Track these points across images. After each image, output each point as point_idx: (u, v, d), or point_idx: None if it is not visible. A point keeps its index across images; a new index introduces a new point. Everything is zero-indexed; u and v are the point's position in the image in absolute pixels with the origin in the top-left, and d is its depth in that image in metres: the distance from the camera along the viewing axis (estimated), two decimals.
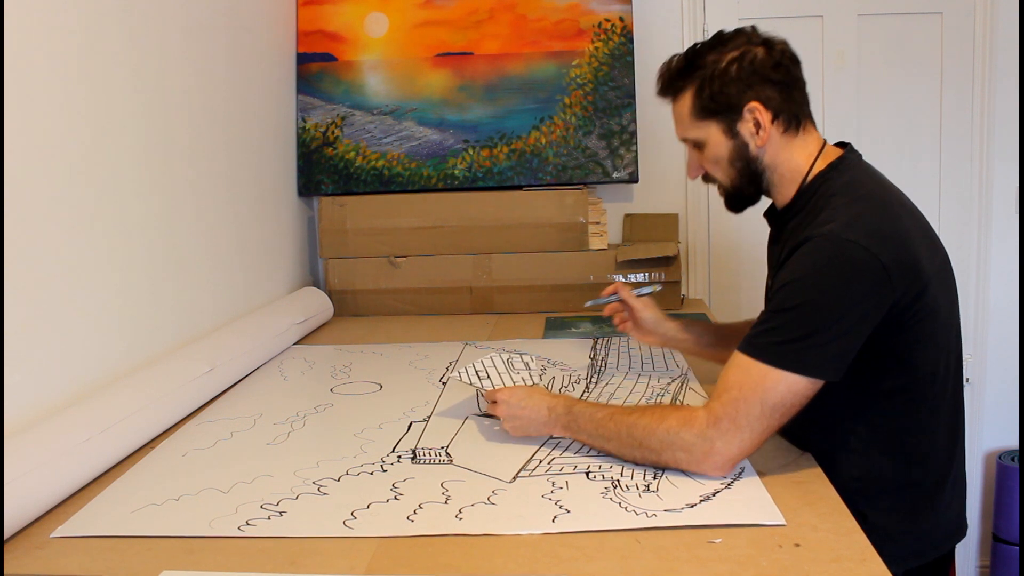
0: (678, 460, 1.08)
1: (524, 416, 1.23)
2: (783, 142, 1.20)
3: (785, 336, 1.06)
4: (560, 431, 1.21)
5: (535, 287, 2.28)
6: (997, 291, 2.45)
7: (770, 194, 1.26)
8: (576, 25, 2.34)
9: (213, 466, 1.20)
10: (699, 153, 1.25)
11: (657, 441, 1.09)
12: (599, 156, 2.32)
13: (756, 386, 1.05)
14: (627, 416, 1.13)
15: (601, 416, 1.16)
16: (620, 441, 1.13)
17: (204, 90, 1.80)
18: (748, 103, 1.17)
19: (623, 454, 1.14)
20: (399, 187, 2.35)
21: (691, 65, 1.21)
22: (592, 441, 1.17)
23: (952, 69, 2.36)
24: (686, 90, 1.22)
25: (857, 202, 1.12)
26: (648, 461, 1.11)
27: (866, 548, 0.89)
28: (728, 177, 1.25)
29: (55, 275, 1.28)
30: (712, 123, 1.20)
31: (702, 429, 1.06)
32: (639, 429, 1.11)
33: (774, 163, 1.21)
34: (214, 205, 1.84)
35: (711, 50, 1.20)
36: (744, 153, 1.21)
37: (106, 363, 1.40)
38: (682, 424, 1.08)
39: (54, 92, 1.29)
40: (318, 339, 2.05)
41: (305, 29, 2.40)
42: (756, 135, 1.18)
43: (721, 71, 1.17)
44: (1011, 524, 2.38)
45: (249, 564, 0.91)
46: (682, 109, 1.23)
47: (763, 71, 1.17)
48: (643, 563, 0.88)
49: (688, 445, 1.07)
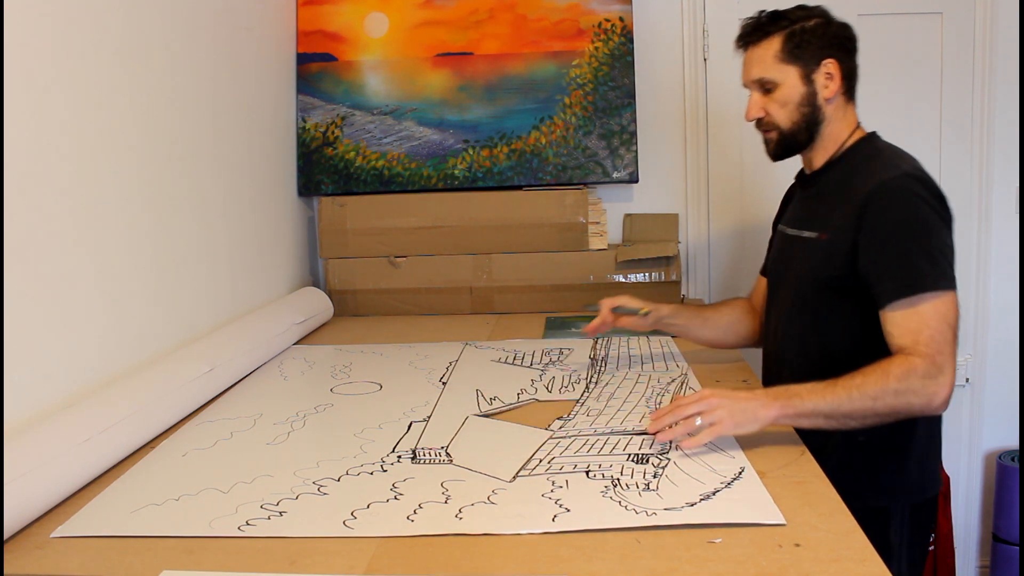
0: (911, 406, 1.16)
1: (740, 400, 1.16)
2: (841, 103, 1.40)
3: (925, 265, 1.21)
4: (778, 409, 1.15)
5: (535, 287, 2.28)
6: (997, 291, 2.45)
7: (811, 147, 1.42)
8: (576, 25, 2.34)
9: (213, 466, 1.20)
10: (765, 96, 1.41)
11: (892, 393, 1.15)
12: (599, 156, 2.32)
13: (938, 315, 1.19)
14: (851, 380, 1.16)
15: (822, 386, 1.17)
16: (853, 403, 1.15)
17: (204, 90, 1.80)
18: (827, 58, 1.37)
19: (856, 415, 1.16)
20: (399, 187, 2.35)
21: (782, 17, 1.39)
22: (820, 410, 1.15)
23: (952, 69, 2.36)
24: (774, 35, 1.38)
25: (905, 157, 1.35)
26: (881, 417, 1.17)
27: (866, 548, 0.89)
28: (791, 120, 1.40)
29: (55, 275, 1.28)
30: (793, 68, 1.37)
31: (926, 370, 1.15)
32: (871, 387, 1.15)
33: (830, 119, 1.40)
34: (214, 205, 1.84)
35: (798, 11, 1.40)
36: (812, 100, 1.38)
37: (106, 363, 1.40)
38: (907, 372, 1.16)
39: (54, 92, 1.29)
40: (318, 339, 2.06)
41: (305, 29, 2.40)
42: (826, 87, 1.37)
43: (811, 27, 1.37)
44: (1011, 524, 2.38)
45: (249, 564, 0.91)
46: (765, 52, 1.39)
47: (842, 38, 1.39)
48: (643, 563, 0.88)
49: (918, 388, 1.15)
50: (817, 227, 1.39)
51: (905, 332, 1.20)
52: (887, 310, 1.23)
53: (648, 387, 1.50)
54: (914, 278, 1.21)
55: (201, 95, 1.79)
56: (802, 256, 1.42)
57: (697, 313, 1.67)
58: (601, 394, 1.47)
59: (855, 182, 1.33)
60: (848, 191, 1.34)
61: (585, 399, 1.45)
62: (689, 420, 1.15)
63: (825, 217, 1.38)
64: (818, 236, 1.38)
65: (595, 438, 1.25)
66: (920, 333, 1.19)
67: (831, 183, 1.40)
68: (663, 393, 1.46)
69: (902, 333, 1.20)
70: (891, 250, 1.24)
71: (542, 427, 1.31)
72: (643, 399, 1.43)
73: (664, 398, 1.43)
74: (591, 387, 1.52)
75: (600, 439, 1.24)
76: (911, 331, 1.20)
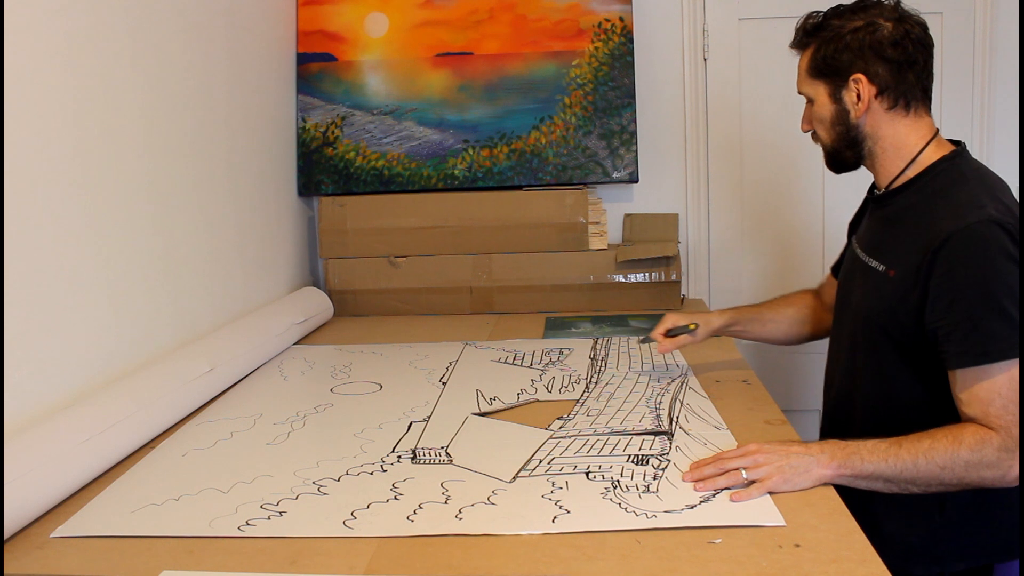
0: (983, 479, 1.07)
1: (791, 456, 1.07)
2: (887, 118, 1.24)
3: (1000, 329, 1.08)
4: (835, 469, 1.06)
5: (535, 287, 2.28)
6: None
7: (870, 165, 1.30)
8: (576, 25, 2.34)
9: (213, 466, 1.20)
10: (810, 108, 1.31)
11: (963, 464, 1.06)
12: (599, 156, 2.32)
13: (1011, 384, 1.07)
14: (919, 444, 1.08)
15: (885, 446, 1.08)
16: (919, 470, 1.06)
17: (204, 90, 1.80)
18: (854, 74, 1.23)
19: (920, 482, 1.08)
20: (399, 187, 2.35)
21: (820, 25, 1.27)
22: (881, 473, 1.07)
23: (952, 69, 2.36)
24: (809, 47, 1.28)
25: (994, 187, 1.19)
26: (946, 487, 1.08)
27: (866, 548, 0.89)
28: (829, 137, 1.30)
29: (55, 275, 1.28)
30: (821, 84, 1.27)
31: (1002, 443, 1.06)
32: (940, 455, 1.06)
33: (875, 135, 1.26)
34: (214, 205, 1.84)
35: (843, 15, 1.25)
36: (844, 119, 1.26)
37: (106, 363, 1.40)
38: (981, 443, 1.07)
39: (54, 92, 1.29)
40: (318, 339, 2.06)
41: (305, 29, 2.40)
42: (856, 105, 1.24)
43: (839, 38, 1.23)
44: None
45: (249, 564, 0.91)
46: (802, 64, 1.31)
47: (878, 46, 1.21)
48: (643, 563, 0.88)
49: (993, 462, 1.06)
50: (887, 260, 1.24)
51: (974, 400, 1.10)
52: (956, 373, 1.12)
53: (648, 387, 1.50)
54: (987, 345, 1.08)
55: (201, 95, 1.79)
56: (868, 288, 1.28)
57: (755, 316, 1.58)
58: (601, 394, 1.47)
59: (932, 215, 1.18)
60: (923, 224, 1.18)
61: (585, 399, 1.45)
62: (733, 473, 1.06)
63: (896, 250, 1.23)
64: (886, 271, 1.23)
65: (595, 438, 1.25)
66: (991, 404, 1.08)
67: (906, 208, 1.24)
68: (663, 393, 1.46)
69: (971, 400, 1.10)
70: (963, 309, 1.10)
71: (542, 427, 1.31)
72: (643, 399, 1.43)
73: (664, 398, 1.43)
74: (591, 387, 1.52)
75: (600, 439, 1.24)
76: (981, 400, 1.09)
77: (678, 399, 1.42)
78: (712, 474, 1.07)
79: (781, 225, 2.45)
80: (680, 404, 1.39)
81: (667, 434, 1.25)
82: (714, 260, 2.49)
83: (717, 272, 2.50)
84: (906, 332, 1.19)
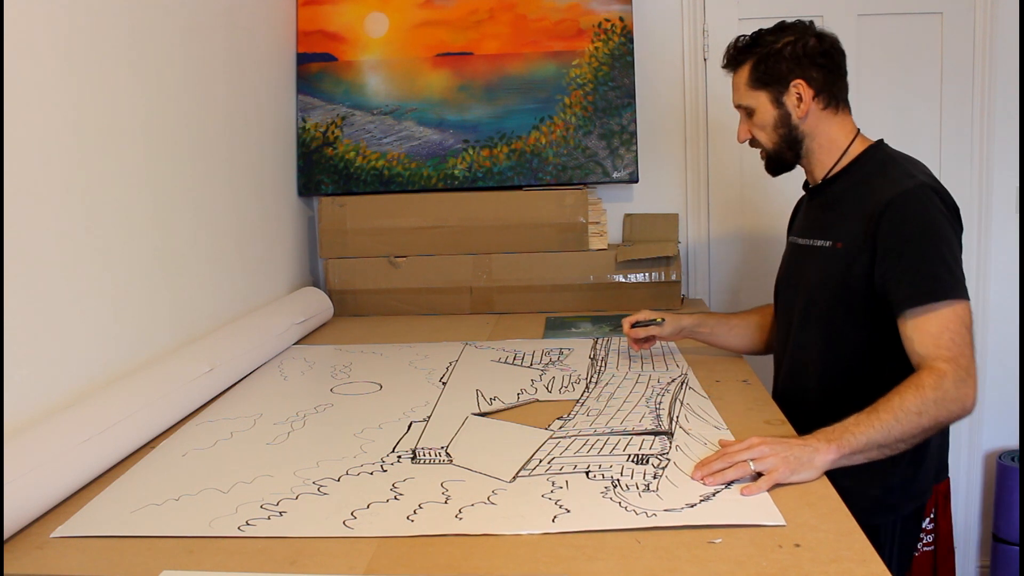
0: (951, 412, 1.16)
1: (793, 448, 1.09)
2: (822, 117, 1.41)
3: (943, 273, 1.23)
4: (835, 452, 1.10)
5: (535, 287, 2.28)
6: (997, 291, 2.44)
7: (806, 163, 1.46)
8: (576, 25, 2.34)
9: (213, 466, 1.20)
10: (749, 120, 1.47)
11: (932, 404, 1.15)
12: (599, 156, 2.32)
13: (957, 320, 1.21)
14: (889, 403, 1.15)
15: (865, 416, 1.14)
16: (902, 424, 1.13)
17: (204, 90, 1.80)
18: (794, 80, 1.39)
19: (907, 436, 1.14)
20: (399, 187, 2.35)
21: (754, 43, 1.44)
22: (874, 440, 1.12)
23: (952, 69, 2.36)
24: (746, 63, 1.44)
25: (918, 165, 1.37)
26: (926, 431, 1.16)
27: (866, 548, 0.89)
28: (771, 141, 1.45)
29: (55, 275, 1.28)
30: (763, 92, 1.42)
31: (955, 374, 1.16)
32: (911, 403, 1.14)
33: (813, 133, 1.42)
34: (214, 205, 1.84)
35: (772, 33, 1.43)
36: (786, 121, 1.42)
37: (106, 363, 1.40)
38: (938, 380, 1.16)
39: (54, 92, 1.29)
40: (318, 339, 2.06)
41: (305, 29, 2.40)
42: (798, 107, 1.40)
43: (776, 51, 1.40)
44: (1011, 524, 2.38)
45: (249, 564, 0.91)
46: (740, 79, 1.46)
47: (812, 56, 1.39)
48: (643, 563, 0.88)
49: (953, 394, 1.16)
50: (832, 236, 1.39)
51: (926, 337, 1.21)
52: (906, 316, 1.24)
53: (648, 387, 1.50)
54: (933, 285, 1.23)
55: (201, 95, 1.79)
56: (816, 265, 1.42)
57: (723, 320, 1.68)
58: (601, 394, 1.47)
59: (870, 191, 1.34)
60: (863, 200, 1.34)
61: (585, 399, 1.45)
62: (741, 465, 1.07)
63: (840, 226, 1.38)
64: (833, 244, 1.38)
65: (595, 438, 1.25)
66: (940, 337, 1.20)
67: (843, 192, 1.40)
68: (663, 393, 1.46)
69: (922, 338, 1.21)
70: (909, 258, 1.25)
71: (542, 427, 1.31)
72: (643, 399, 1.43)
73: (664, 398, 1.43)
74: (591, 387, 1.52)
75: (600, 439, 1.24)
76: (931, 335, 1.21)
77: (678, 399, 1.42)
78: (721, 468, 1.08)
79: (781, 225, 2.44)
80: (680, 404, 1.39)
81: (667, 434, 1.25)
82: (714, 260, 2.49)
83: (717, 272, 2.50)
84: (856, 295, 1.33)
